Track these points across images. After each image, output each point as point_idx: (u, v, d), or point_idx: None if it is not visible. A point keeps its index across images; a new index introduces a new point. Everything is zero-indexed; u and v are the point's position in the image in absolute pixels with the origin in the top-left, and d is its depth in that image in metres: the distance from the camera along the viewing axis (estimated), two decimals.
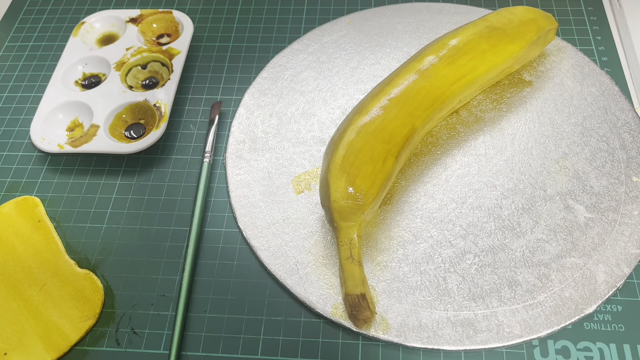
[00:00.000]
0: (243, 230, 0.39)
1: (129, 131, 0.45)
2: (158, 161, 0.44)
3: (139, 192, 0.43)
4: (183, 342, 0.36)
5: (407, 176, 0.41)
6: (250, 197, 0.41)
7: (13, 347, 0.35)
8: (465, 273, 0.36)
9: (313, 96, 0.46)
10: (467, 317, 0.35)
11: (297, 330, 0.36)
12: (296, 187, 0.41)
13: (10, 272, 0.38)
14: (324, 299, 0.36)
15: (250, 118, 0.45)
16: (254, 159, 0.43)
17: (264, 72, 0.48)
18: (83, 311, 0.37)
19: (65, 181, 0.44)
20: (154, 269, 0.39)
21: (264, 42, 0.51)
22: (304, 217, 0.40)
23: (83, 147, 0.42)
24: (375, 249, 0.38)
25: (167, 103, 0.44)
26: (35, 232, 0.40)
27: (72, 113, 0.45)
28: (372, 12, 0.52)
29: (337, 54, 0.49)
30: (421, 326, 0.35)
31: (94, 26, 0.51)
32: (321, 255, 0.38)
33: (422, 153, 0.42)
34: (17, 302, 0.37)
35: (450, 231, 0.38)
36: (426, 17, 0.51)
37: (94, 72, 0.48)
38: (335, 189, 0.35)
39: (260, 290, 0.37)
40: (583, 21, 0.50)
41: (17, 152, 0.46)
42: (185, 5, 0.55)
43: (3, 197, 0.43)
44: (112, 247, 0.40)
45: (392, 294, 0.36)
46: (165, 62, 0.47)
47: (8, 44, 0.53)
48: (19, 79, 0.51)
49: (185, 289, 0.37)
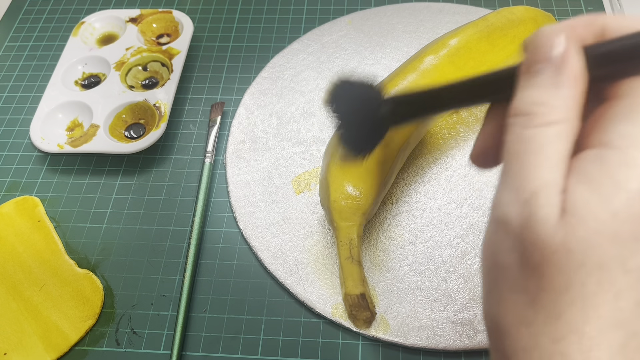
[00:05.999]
0: (243, 230, 0.39)
1: (128, 131, 0.45)
2: (158, 161, 0.44)
3: (139, 192, 0.43)
4: (183, 342, 0.36)
5: (407, 176, 0.41)
6: (250, 197, 0.41)
7: (13, 347, 0.35)
8: (466, 273, 0.36)
9: (313, 96, 0.46)
10: (467, 317, 0.35)
11: (297, 330, 0.36)
12: (296, 187, 0.41)
13: (10, 272, 0.38)
14: (324, 299, 0.36)
15: (250, 118, 0.45)
16: (254, 159, 0.43)
17: (264, 72, 0.48)
18: (83, 311, 0.37)
19: (65, 181, 0.44)
20: (153, 269, 0.39)
21: (264, 42, 0.51)
22: (304, 217, 0.40)
23: (83, 147, 0.42)
24: (375, 249, 0.38)
25: (167, 103, 0.44)
26: (35, 232, 0.40)
27: (72, 113, 0.45)
28: (372, 12, 0.52)
29: (337, 54, 0.49)
30: (421, 326, 0.35)
31: (94, 26, 0.51)
32: (321, 255, 0.38)
33: (422, 153, 0.42)
34: (17, 302, 0.37)
35: (451, 231, 0.38)
36: (426, 17, 0.51)
37: (94, 72, 0.48)
38: (335, 188, 0.35)
39: (260, 290, 0.37)
40: None
41: (17, 152, 0.46)
42: (185, 5, 0.55)
43: (3, 197, 0.43)
44: (112, 247, 0.40)
45: (392, 294, 0.36)
46: (165, 62, 0.47)
47: (8, 44, 0.53)
48: (19, 79, 0.51)
49: (187, 289, 0.37)
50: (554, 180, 0.18)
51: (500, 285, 0.19)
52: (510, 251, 0.18)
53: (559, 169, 0.18)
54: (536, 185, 0.18)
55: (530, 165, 0.18)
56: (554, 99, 0.18)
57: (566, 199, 0.17)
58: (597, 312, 0.17)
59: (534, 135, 0.18)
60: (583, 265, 0.17)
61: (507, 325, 0.19)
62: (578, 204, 0.17)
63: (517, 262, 0.18)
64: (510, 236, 0.18)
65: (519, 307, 0.19)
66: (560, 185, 0.18)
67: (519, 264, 0.18)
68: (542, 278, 0.18)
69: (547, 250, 0.17)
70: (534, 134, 0.18)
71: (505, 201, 0.19)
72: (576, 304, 0.17)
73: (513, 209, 0.18)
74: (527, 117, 0.18)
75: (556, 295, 0.18)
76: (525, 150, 0.18)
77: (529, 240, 0.18)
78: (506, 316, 0.19)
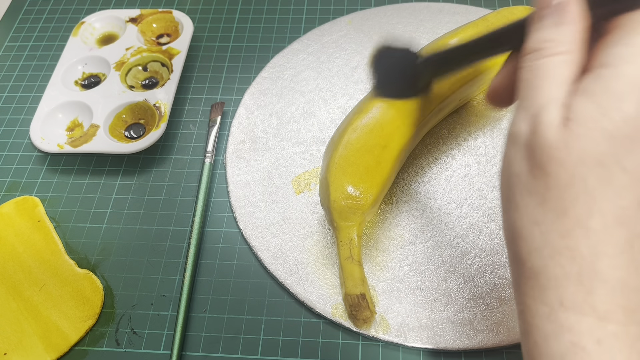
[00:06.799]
0: (243, 230, 0.39)
1: (128, 131, 0.45)
2: (158, 161, 0.44)
3: (139, 192, 0.43)
4: (183, 342, 0.36)
5: (407, 176, 0.41)
6: (250, 197, 0.41)
7: (13, 347, 0.35)
8: (466, 273, 0.36)
9: (313, 96, 0.46)
10: (467, 317, 0.35)
11: (297, 330, 0.36)
12: (296, 187, 0.41)
13: (10, 272, 0.38)
14: (324, 299, 0.36)
15: (250, 118, 0.45)
16: (254, 159, 0.43)
17: (264, 72, 0.48)
18: (83, 311, 0.37)
19: (65, 181, 0.44)
20: (153, 269, 0.39)
21: (264, 42, 0.51)
22: (303, 217, 0.40)
23: (83, 147, 0.42)
24: (375, 249, 0.38)
25: (167, 103, 0.44)
26: (35, 232, 0.40)
27: (72, 113, 0.45)
28: (372, 12, 0.52)
29: (337, 54, 0.49)
30: (421, 326, 0.35)
31: (94, 26, 0.51)
32: (321, 255, 0.38)
33: (422, 153, 0.42)
34: (17, 302, 0.37)
35: (451, 231, 0.38)
36: (426, 17, 0.51)
37: (94, 72, 0.48)
38: (335, 188, 0.35)
39: (260, 290, 0.37)
40: None
41: (17, 152, 0.46)
42: (185, 5, 0.55)
43: (3, 197, 0.43)
44: (112, 247, 0.40)
45: (392, 294, 0.36)
46: (165, 62, 0.47)
47: (8, 44, 0.53)
48: (19, 79, 0.51)
49: (187, 289, 0.37)
50: (558, 96, 0.20)
51: (514, 193, 0.22)
52: (522, 159, 0.21)
53: (563, 88, 0.21)
54: (543, 100, 0.21)
55: (539, 86, 0.21)
56: (558, 35, 0.21)
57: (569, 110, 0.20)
58: (600, 206, 0.19)
59: (542, 64, 0.21)
60: (583, 160, 0.19)
61: (521, 228, 0.21)
62: (578, 111, 0.20)
63: (528, 168, 0.21)
64: (520, 146, 0.21)
65: (530, 208, 0.21)
66: (564, 100, 0.20)
67: (529, 169, 0.21)
68: (548, 176, 0.20)
69: (551, 149, 0.20)
70: (542, 63, 0.21)
71: (518, 119, 0.22)
72: (579, 198, 0.20)
73: (523, 123, 0.21)
74: (537, 51, 0.22)
75: (561, 191, 0.20)
76: (535, 76, 0.21)
77: (536, 143, 0.20)
78: (521, 219, 0.21)
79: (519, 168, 0.21)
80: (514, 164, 0.21)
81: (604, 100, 0.19)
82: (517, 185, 0.21)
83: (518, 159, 0.21)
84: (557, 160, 0.20)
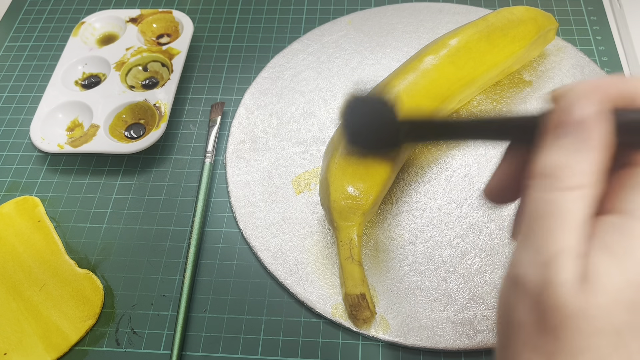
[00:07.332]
0: (243, 230, 0.39)
1: (129, 131, 0.45)
2: (158, 161, 0.44)
3: (139, 192, 0.43)
4: (183, 342, 0.36)
5: (407, 176, 0.41)
6: (250, 197, 0.41)
7: (13, 347, 0.35)
8: (466, 273, 0.36)
9: (313, 96, 0.46)
10: (467, 317, 0.35)
11: (297, 330, 0.36)
12: (296, 187, 0.41)
13: (10, 272, 0.38)
14: (324, 299, 0.36)
15: (250, 118, 0.45)
16: (254, 159, 0.43)
17: (264, 72, 0.48)
18: (83, 311, 0.37)
19: (65, 181, 0.44)
20: (153, 269, 0.39)
21: (264, 42, 0.51)
22: (303, 217, 0.40)
23: (83, 147, 0.42)
24: (375, 249, 0.38)
25: (167, 103, 0.44)
26: (35, 232, 0.40)
27: (72, 113, 0.45)
28: (372, 12, 0.52)
29: (337, 54, 0.49)
30: (421, 326, 0.35)
31: (94, 26, 0.51)
32: (321, 255, 0.38)
33: (422, 153, 0.42)
34: (17, 302, 0.37)
35: (451, 231, 0.38)
36: (426, 17, 0.51)
37: (94, 72, 0.48)
38: (335, 188, 0.35)
39: (260, 290, 0.37)
40: (583, 21, 0.50)
41: (17, 152, 0.46)
42: (185, 5, 0.55)
43: (3, 197, 0.43)
44: (112, 247, 0.40)
45: (392, 294, 0.36)
46: (165, 62, 0.47)
47: (8, 44, 0.53)
48: (19, 79, 0.51)
49: (187, 289, 0.37)
50: (573, 245, 0.18)
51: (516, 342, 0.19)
52: (527, 311, 0.19)
53: (579, 233, 0.18)
54: (556, 248, 0.18)
55: (551, 228, 0.18)
56: (577, 163, 0.18)
57: (587, 265, 0.18)
58: None
59: (555, 199, 0.18)
60: (602, 331, 0.17)
61: None
62: (599, 272, 0.17)
63: (534, 322, 0.19)
64: (527, 296, 0.19)
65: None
66: (579, 250, 0.18)
67: (535, 324, 0.19)
68: (559, 340, 0.18)
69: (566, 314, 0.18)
70: (555, 198, 0.18)
71: (524, 261, 0.19)
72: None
73: (531, 270, 0.18)
74: (549, 180, 0.19)
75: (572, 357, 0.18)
76: (546, 214, 0.18)
77: (548, 303, 0.18)
78: None
79: (523, 318, 0.19)
80: (518, 313, 0.19)
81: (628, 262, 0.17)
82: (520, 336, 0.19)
83: (522, 309, 0.19)
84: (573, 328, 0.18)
